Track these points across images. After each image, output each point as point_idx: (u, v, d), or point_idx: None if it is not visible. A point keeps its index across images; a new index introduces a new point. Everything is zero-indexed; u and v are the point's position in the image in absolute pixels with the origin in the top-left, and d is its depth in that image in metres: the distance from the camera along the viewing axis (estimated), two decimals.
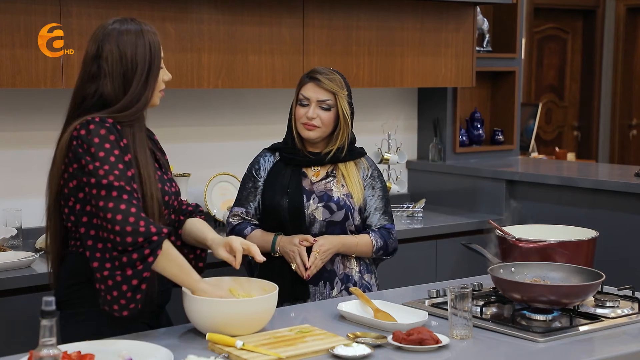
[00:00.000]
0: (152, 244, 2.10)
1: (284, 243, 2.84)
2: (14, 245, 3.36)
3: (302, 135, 2.90)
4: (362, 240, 2.90)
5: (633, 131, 8.51)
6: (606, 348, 2.22)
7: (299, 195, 2.87)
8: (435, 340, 2.08)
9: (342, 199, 2.89)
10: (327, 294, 2.87)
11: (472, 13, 4.44)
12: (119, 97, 2.22)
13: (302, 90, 2.91)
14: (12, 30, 3.20)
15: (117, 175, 2.12)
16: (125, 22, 2.27)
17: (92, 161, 2.13)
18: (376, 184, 2.98)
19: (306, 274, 2.81)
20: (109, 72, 2.22)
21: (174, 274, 2.20)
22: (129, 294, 2.11)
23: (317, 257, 2.80)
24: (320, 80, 2.87)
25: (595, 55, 8.43)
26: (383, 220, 2.96)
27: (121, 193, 2.11)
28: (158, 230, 2.12)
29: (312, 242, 2.82)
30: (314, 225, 2.87)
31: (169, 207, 2.32)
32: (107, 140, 2.15)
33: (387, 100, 4.68)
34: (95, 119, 2.17)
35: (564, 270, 2.52)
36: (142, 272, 2.11)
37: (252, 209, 2.94)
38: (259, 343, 2.08)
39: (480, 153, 4.84)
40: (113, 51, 2.22)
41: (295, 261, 2.81)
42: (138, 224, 2.09)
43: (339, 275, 2.89)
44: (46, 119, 3.56)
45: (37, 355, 1.63)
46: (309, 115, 2.86)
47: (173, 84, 3.55)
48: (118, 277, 2.10)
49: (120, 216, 2.09)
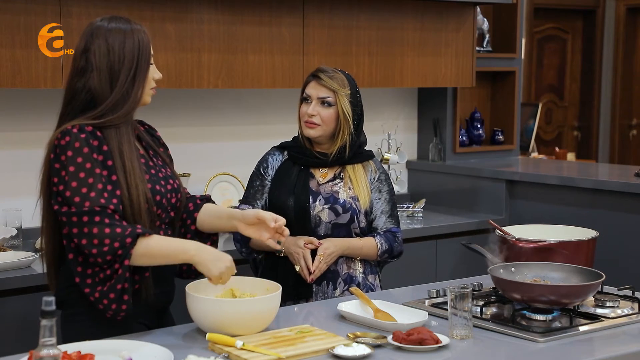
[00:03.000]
0: (120, 257, 2.11)
1: (289, 244, 2.84)
2: (13, 245, 3.36)
3: (304, 133, 2.91)
4: (367, 244, 2.91)
5: (633, 131, 8.51)
6: (606, 348, 2.22)
7: (305, 196, 2.87)
8: (435, 340, 2.08)
9: (349, 201, 2.89)
10: (330, 293, 2.87)
11: (472, 13, 4.44)
12: (106, 92, 2.21)
13: (305, 88, 2.93)
14: (12, 30, 3.20)
15: (84, 194, 2.12)
16: (114, 20, 2.27)
17: (61, 181, 2.14)
18: (383, 187, 2.98)
19: (310, 278, 2.81)
20: (97, 65, 2.21)
21: (164, 262, 2.21)
22: (114, 305, 2.14)
23: (321, 260, 2.81)
24: (321, 77, 2.89)
25: (595, 55, 8.43)
26: (389, 223, 2.97)
27: (91, 216, 2.11)
28: (121, 241, 2.11)
29: (317, 244, 2.82)
30: (319, 227, 2.88)
31: (162, 207, 2.30)
32: (80, 153, 2.15)
33: (387, 100, 4.68)
34: (74, 129, 2.16)
35: (564, 270, 2.52)
36: (116, 284, 2.13)
37: (258, 206, 2.94)
38: (259, 343, 2.08)
39: (480, 153, 4.84)
40: (101, 45, 2.22)
41: (300, 264, 2.82)
42: (103, 244, 2.10)
43: (342, 276, 2.90)
44: (46, 119, 3.54)
45: (37, 355, 1.63)
46: (309, 111, 2.87)
47: (173, 84, 3.56)
48: (97, 293, 2.15)
49: (85, 240, 2.11)
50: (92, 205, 2.12)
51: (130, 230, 2.13)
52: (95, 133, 2.18)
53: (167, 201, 2.31)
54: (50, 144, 2.20)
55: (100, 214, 2.12)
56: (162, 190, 2.30)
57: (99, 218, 2.12)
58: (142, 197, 2.21)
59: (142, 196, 2.21)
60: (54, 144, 2.18)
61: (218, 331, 2.12)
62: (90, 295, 2.15)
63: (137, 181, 2.21)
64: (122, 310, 2.15)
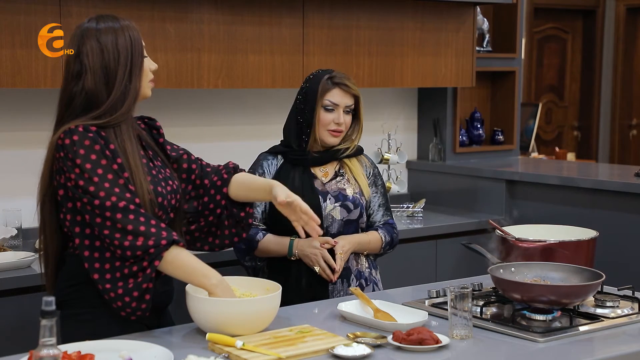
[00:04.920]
0: (151, 256, 2.12)
1: (303, 246, 2.84)
2: (13, 245, 3.36)
3: (327, 141, 2.92)
4: (373, 238, 2.96)
5: (633, 131, 8.51)
6: (606, 348, 2.22)
7: (315, 197, 2.87)
8: (435, 340, 2.08)
9: (356, 197, 2.93)
10: (345, 291, 2.88)
11: (472, 13, 4.44)
12: (102, 92, 2.20)
13: (327, 96, 2.91)
14: (12, 30, 3.20)
15: (108, 189, 2.12)
16: (102, 19, 2.26)
17: (80, 177, 2.13)
18: (378, 181, 3.04)
19: (334, 277, 2.82)
20: (91, 66, 2.20)
21: (184, 279, 2.22)
22: (134, 303, 2.15)
23: (342, 259, 2.82)
24: (347, 85, 2.92)
25: (595, 55, 8.43)
26: (386, 216, 3.03)
27: (125, 213, 2.12)
28: (156, 241, 2.12)
29: (334, 243, 2.83)
30: (332, 225, 2.89)
31: (163, 208, 2.29)
32: (93, 150, 2.15)
33: (387, 100, 4.68)
34: (79, 127, 2.16)
35: (564, 270, 2.51)
36: (142, 283, 2.13)
37: (258, 213, 2.93)
38: (259, 343, 2.08)
39: (480, 153, 4.84)
40: (93, 46, 2.21)
41: (319, 264, 2.82)
42: (137, 239, 2.11)
43: (354, 272, 2.92)
44: (46, 119, 3.52)
45: (37, 355, 1.62)
46: (339, 121, 2.89)
47: (173, 84, 3.56)
48: (120, 289, 2.14)
49: (119, 234, 2.11)
50: (119, 200, 2.12)
51: (167, 234, 2.14)
52: (100, 133, 2.19)
53: (167, 202, 2.31)
54: (53, 144, 2.19)
55: (134, 212, 2.13)
56: (163, 192, 2.30)
57: (133, 216, 2.12)
58: (147, 195, 2.22)
59: (146, 194, 2.21)
60: (58, 143, 2.17)
61: (218, 331, 2.11)
62: (110, 292, 2.14)
63: (142, 179, 2.22)
64: (140, 309, 2.15)
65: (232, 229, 2.50)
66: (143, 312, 2.17)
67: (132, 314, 2.17)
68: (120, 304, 2.15)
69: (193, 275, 2.20)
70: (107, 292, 2.15)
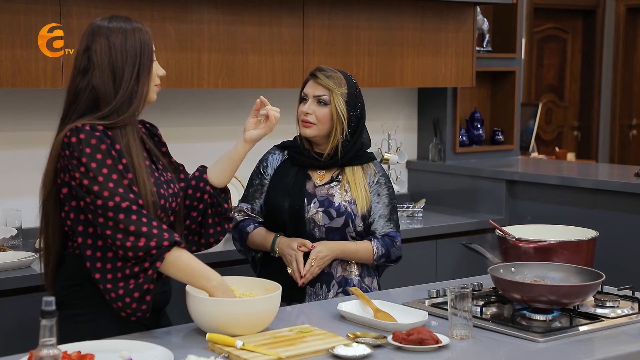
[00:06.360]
0: (152, 257, 2.13)
1: (283, 245, 2.83)
2: (13, 245, 3.36)
3: (301, 133, 2.90)
4: (362, 247, 2.87)
5: (633, 131, 8.51)
6: (606, 348, 2.22)
7: (300, 198, 2.85)
8: (435, 340, 2.08)
9: (344, 205, 2.85)
10: (323, 296, 2.85)
11: (472, 13, 4.44)
12: (109, 90, 2.20)
13: (304, 87, 2.91)
14: (12, 30, 3.20)
15: (112, 189, 2.12)
16: (115, 19, 2.27)
17: (84, 176, 2.13)
18: (382, 191, 2.93)
19: (300, 282, 2.80)
20: (99, 63, 2.21)
21: (185, 280, 2.22)
22: (134, 304, 2.15)
23: (313, 264, 2.78)
24: (317, 76, 2.86)
25: (595, 55, 8.44)
26: (387, 227, 2.92)
27: (127, 213, 2.12)
28: (158, 243, 2.12)
29: (310, 248, 2.80)
30: (314, 230, 2.86)
31: (165, 210, 2.29)
32: (99, 150, 2.14)
33: (387, 100, 4.68)
34: (86, 126, 2.15)
35: (564, 270, 2.52)
36: (144, 284, 2.14)
37: (257, 206, 2.93)
38: (259, 343, 2.08)
39: (480, 153, 4.84)
40: (102, 44, 2.22)
41: (292, 266, 2.81)
42: (139, 240, 2.11)
43: (337, 278, 2.87)
44: (46, 119, 3.56)
45: (37, 355, 1.63)
46: (305, 109, 2.85)
47: (173, 84, 3.56)
48: (120, 290, 2.14)
49: (121, 235, 2.12)
50: (122, 200, 2.12)
51: (168, 235, 2.15)
52: (106, 133, 2.18)
53: (168, 205, 2.32)
54: (59, 142, 2.18)
55: (137, 213, 2.13)
56: (165, 194, 2.30)
57: (136, 217, 2.13)
58: (150, 196, 2.22)
59: (149, 196, 2.22)
60: (64, 141, 2.16)
61: (218, 331, 2.11)
62: (111, 292, 2.14)
63: (145, 181, 2.22)
64: (140, 310, 2.16)
65: (216, 227, 2.51)
66: (143, 313, 2.17)
67: (133, 315, 2.17)
68: (121, 304, 2.15)
69: (194, 277, 2.21)
70: (108, 292, 2.15)
